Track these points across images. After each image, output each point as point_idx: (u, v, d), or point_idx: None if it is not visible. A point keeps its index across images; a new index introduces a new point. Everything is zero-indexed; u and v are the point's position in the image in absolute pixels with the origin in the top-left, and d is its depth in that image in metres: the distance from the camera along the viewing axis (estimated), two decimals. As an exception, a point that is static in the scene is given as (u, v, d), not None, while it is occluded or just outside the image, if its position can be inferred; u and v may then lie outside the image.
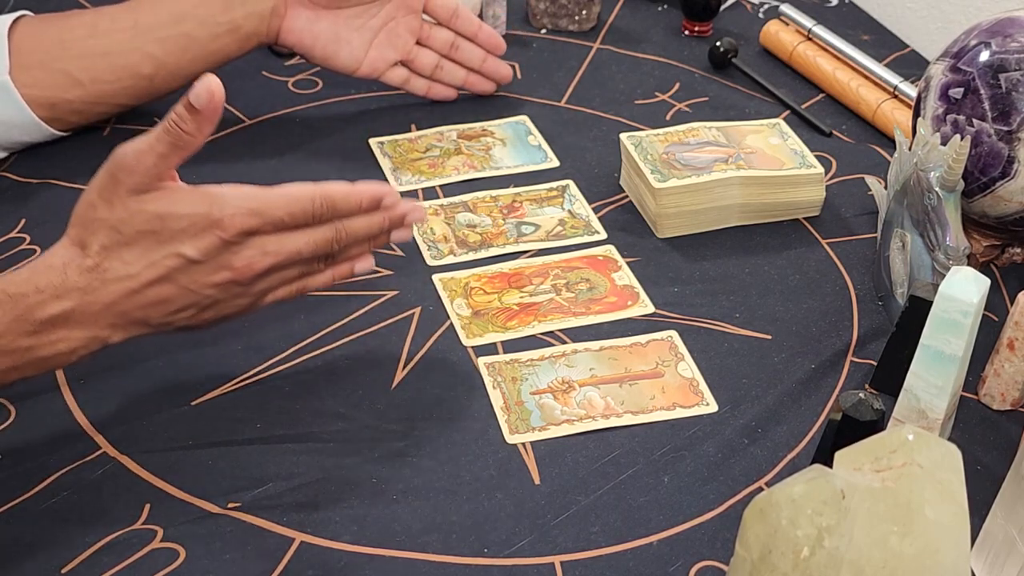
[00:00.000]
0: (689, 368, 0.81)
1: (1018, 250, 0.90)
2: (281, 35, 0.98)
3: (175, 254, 0.67)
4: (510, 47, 1.14)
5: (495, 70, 1.07)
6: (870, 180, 0.97)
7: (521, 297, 0.86)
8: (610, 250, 0.91)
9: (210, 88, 0.66)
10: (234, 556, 0.66)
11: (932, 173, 0.80)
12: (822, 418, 0.78)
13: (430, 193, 0.97)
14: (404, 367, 0.80)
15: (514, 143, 1.03)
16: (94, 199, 0.67)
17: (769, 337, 0.84)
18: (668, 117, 1.08)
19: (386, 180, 0.98)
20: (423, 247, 0.90)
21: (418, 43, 1.04)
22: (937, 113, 0.86)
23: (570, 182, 0.98)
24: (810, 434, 0.77)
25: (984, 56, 0.84)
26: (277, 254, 0.69)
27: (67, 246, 0.67)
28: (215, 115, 0.67)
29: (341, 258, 0.74)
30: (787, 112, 1.10)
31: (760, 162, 0.93)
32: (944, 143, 0.81)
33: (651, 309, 0.86)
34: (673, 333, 0.83)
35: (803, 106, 1.11)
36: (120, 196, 0.66)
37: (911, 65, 1.16)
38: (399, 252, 0.90)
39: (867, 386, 0.81)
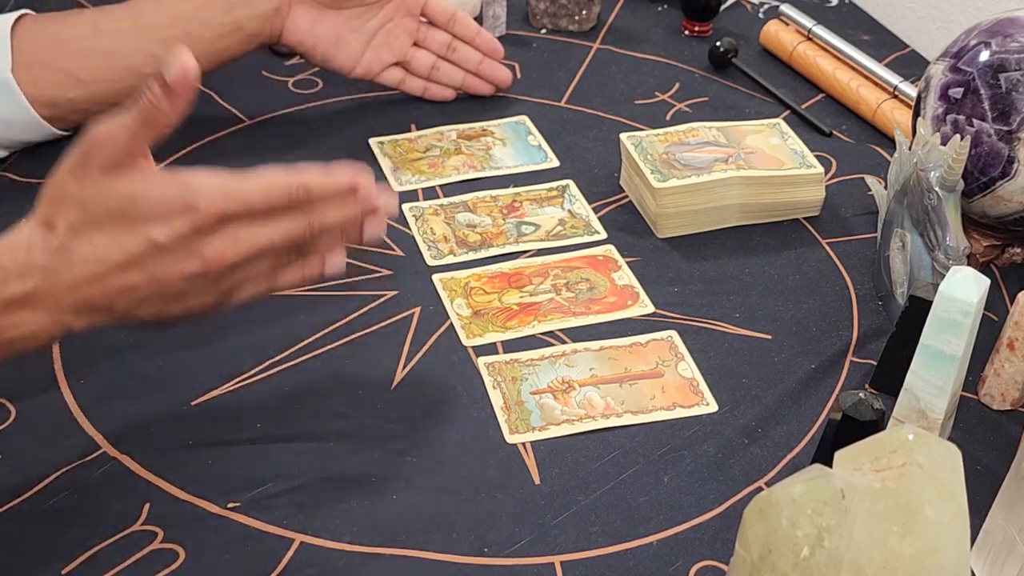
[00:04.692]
0: (689, 368, 0.81)
1: (1018, 250, 0.90)
2: (283, 35, 0.98)
3: (145, 239, 0.63)
4: (510, 47, 1.14)
5: (492, 73, 1.07)
6: (870, 180, 0.97)
7: (521, 297, 0.86)
8: (610, 250, 0.91)
9: (183, 63, 0.61)
10: (234, 556, 0.66)
11: (932, 173, 0.80)
12: (822, 418, 0.78)
13: (430, 193, 0.97)
14: (404, 367, 0.80)
15: (514, 143, 1.03)
16: (64, 177, 0.63)
17: (769, 337, 0.84)
18: (668, 117, 1.08)
19: (386, 180, 0.98)
20: (423, 247, 0.90)
21: (415, 45, 1.04)
22: (937, 113, 0.86)
23: (570, 182, 0.98)
24: (810, 434, 0.77)
25: (984, 56, 0.84)
26: (250, 243, 0.65)
27: (33, 225, 0.64)
28: (188, 91, 0.63)
29: (311, 250, 0.70)
30: (787, 112, 1.10)
31: (760, 162, 0.93)
32: (944, 143, 0.81)
33: (651, 309, 0.86)
34: (673, 333, 0.83)
35: (803, 106, 1.11)
36: (91, 173, 0.62)
37: (911, 65, 1.16)
38: (399, 252, 0.90)
39: (867, 386, 0.81)
